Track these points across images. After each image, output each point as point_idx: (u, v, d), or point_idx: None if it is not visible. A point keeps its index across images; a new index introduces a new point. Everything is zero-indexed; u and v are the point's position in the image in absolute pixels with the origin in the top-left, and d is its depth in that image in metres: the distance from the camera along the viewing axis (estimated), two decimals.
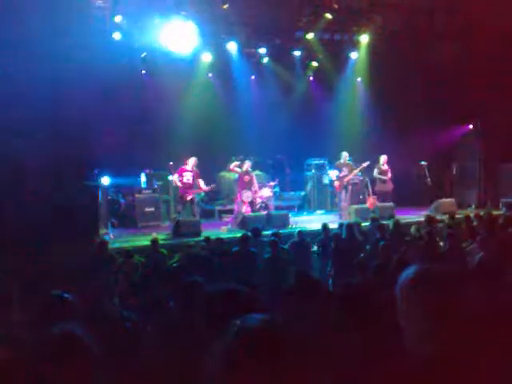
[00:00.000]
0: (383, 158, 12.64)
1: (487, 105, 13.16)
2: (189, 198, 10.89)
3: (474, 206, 13.36)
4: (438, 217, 10.36)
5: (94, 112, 9.60)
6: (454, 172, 14.81)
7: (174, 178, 10.97)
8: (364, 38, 14.32)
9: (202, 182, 11.16)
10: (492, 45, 12.33)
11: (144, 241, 9.40)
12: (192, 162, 11.06)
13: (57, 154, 8.83)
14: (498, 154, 13.37)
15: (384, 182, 12.52)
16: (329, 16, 12.94)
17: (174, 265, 6.87)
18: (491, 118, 13.36)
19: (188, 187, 10.88)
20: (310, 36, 13.89)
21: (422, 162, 13.46)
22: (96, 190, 9.87)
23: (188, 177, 10.92)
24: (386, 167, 12.58)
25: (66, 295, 3.14)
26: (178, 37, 13.23)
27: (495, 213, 9.99)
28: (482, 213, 9.61)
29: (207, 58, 14.53)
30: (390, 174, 12.56)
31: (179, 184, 10.87)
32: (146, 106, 14.05)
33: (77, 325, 2.21)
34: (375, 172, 12.61)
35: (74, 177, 8.95)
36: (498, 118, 13.07)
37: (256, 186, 11.88)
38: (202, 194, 13.68)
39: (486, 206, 12.61)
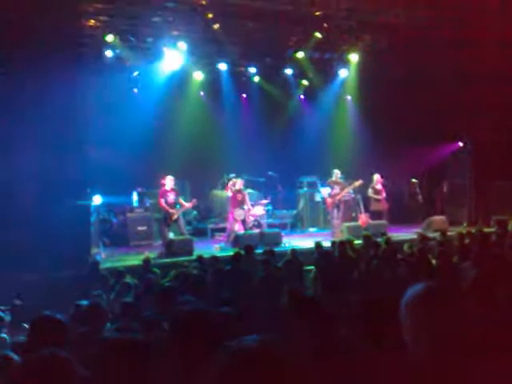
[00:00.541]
0: (376, 177, 12.68)
1: (477, 123, 13.32)
2: (175, 217, 10.83)
3: (465, 224, 13.41)
4: (430, 234, 10.39)
5: (85, 130, 9.60)
6: (445, 190, 14.90)
7: (160, 201, 10.89)
8: (353, 57, 14.50)
9: (182, 200, 11.14)
10: (484, 63, 12.49)
11: (136, 260, 9.33)
12: (170, 181, 10.99)
13: (48, 171, 8.80)
14: (488, 172, 13.46)
15: (378, 201, 12.56)
16: (318, 35, 13.09)
17: (167, 284, 6.81)
18: (481, 135, 13.51)
19: (173, 207, 10.84)
20: (300, 55, 14.03)
21: (414, 180, 13.54)
22: (88, 208, 9.80)
23: (171, 197, 10.88)
24: (379, 186, 12.63)
25: (57, 316, 3.09)
26: (170, 55, 13.39)
27: (487, 230, 10.02)
28: (473, 230, 9.66)
29: (198, 76, 14.64)
30: (384, 194, 12.61)
31: (166, 206, 10.80)
32: (138, 125, 14.07)
33: (66, 347, 2.18)
34: (370, 191, 12.65)
35: (65, 195, 8.90)
36: (487, 136, 13.22)
37: (248, 204, 11.87)
38: (194, 212, 13.66)
39: (478, 224, 12.66)
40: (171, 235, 10.74)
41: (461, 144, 14.60)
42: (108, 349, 2.22)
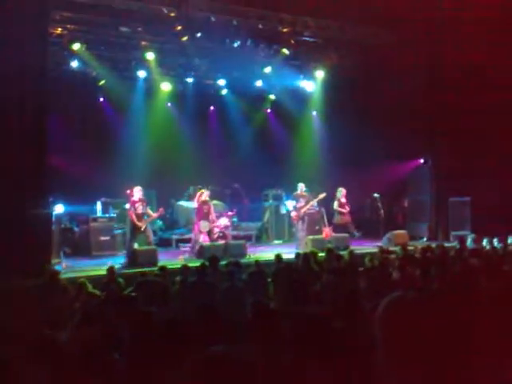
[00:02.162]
0: (342, 191, 12.92)
1: (440, 139, 13.74)
2: (142, 228, 10.76)
3: (425, 239, 13.74)
4: (391, 248, 10.60)
5: (49, 139, 9.46)
6: (406, 205, 15.25)
7: (129, 211, 10.79)
8: (320, 74, 14.80)
9: (150, 210, 11.08)
10: (450, 81, 12.91)
11: (98, 270, 9.20)
12: (138, 191, 10.89)
13: (9, 179, 8.64)
14: (448, 188, 13.86)
15: (342, 214, 12.79)
16: (286, 51, 13.32)
17: (131, 294, 6.75)
18: (442, 152, 13.92)
19: (140, 217, 10.76)
20: (268, 69, 14.23)
21: (375, 195, 13.83)
22: (49, 217, 9.62)
23: (140, 208, 10.78)
24: (344, 200, 12.87)
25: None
26: (137, 65, 13.38)
27: (447, 245, 10.30)
28: (433, 245, 9.91)
29: (166, 87, 14.65)
30: (348, 207, 12.85)
31: (134, 218, 10.70)
32: (104, 134, 13.97)
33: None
34: (335, 204, 12.86)
35: (26, 204, 8.73)
36: (449, 153, 13.62)
37: (214, 215, 11.88)
38: (160, 222, 13.58)
39: (438, 239, 12.99)
40: (135, 245, 10.64)
41: (422, 161, 15.00)
42: None
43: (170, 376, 2.66)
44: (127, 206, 11.05)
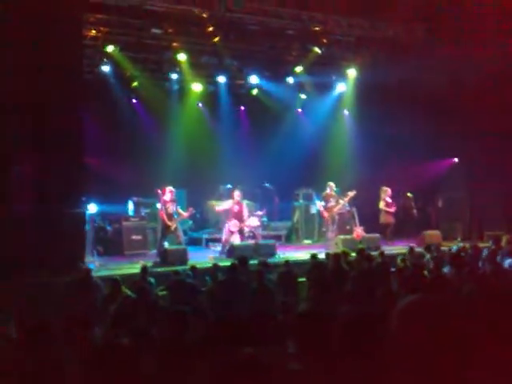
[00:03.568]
0: (387, 191, 13.03)
1: (473, 140, 13.43)
2: (172, 227, 10.88)
3: (459, 239, 13.46)
4: (424, 248, 10.41)
5: (83, 139, 9.65)
6: (440, 204, 14.97)
7: (161, 212, 10.96)
8: (352, 72, 14.65)
9: (180, 210, 11.19)
10: (485, 79, 12.61)
11: (130, 269, 9.34)
12: (170, 191, 11.03)
13: (45, 179, 8.85)
14: (483, 188, 13.54)
15: (388, 213, 12.94)
16: (317, 50, 13.24)
17: (162, 293, 6.84)
18: (477, 151, 13.60)
19: (171, 217, 10.90)
20: (299, 69, 14.17)
21: (409, 194, 13.61)
22: (83, 217, 9.81)
23: (170, 207, 10.93)
24: (389, 200, 12.99)
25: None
26: (169, 66, 13.52)
27: (481, 245, 10.08)
28: (467, 245, 9.72)
29: (197, 87, 14.75)
30: (394, 207, 12.88)
31: (165, 217, 10.86)
32: (136, 135, 14.16)
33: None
34: (381, 204, 12.98)
35: (61, 203, 8.92)
36: (483, 153, 13.32)
37: (245, 215, 11.91)
38: (190, 221, 13.69)
39: (471, 239, 12.72)
40: (166, 244, 10.76)
41: (456, 160, 14.71)
42: None
43: (198, 378, 2.67)
44: (158, 205, 11.18)
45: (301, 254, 10.80)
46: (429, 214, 15.04)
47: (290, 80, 15.01)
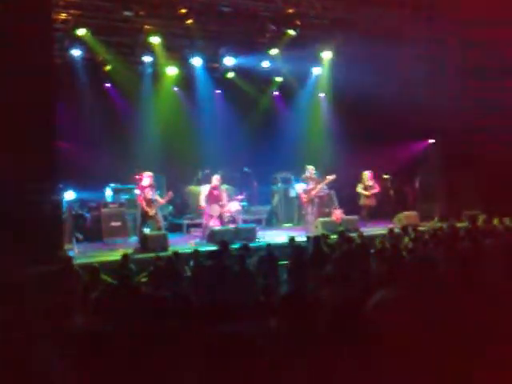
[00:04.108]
0: (367, 175, 13.14)
1: (449, 121, 13.57)
2: (151, 213, 10.75)
3: (436, 219, 13.67)
4: (401, 229, 10.55)
5: (58, 125, 9.47)
6: (417, 185, 15.16)
7: (139, 197, 10.79)
8: (326, 54, 14.63)
9: (158, 196, 11.04)
10: (461, 58, 12.70)
11: (110, 256, 9.28)
12: (148, 177, 10.87)
13: (19, 166, 8.67)
14: (459, 168, 13.74)
15: (367, 196, 13.03)
16: (292, 32, 13.16)
17: (143, 280, 6.81)
18: (452, 133, 13.76)
19: (150, 203, 10.74)
20: (274, 52, 14.09)
21: (385, 176, 13.73)
22: (60, 204, 9.67)
23: (149, 193, 10.76)
24: (370, 183, 13.07)
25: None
26: (142, 49, 13.30)
27: (458, 225, 10.26)
28: (444, 225, 9.88)
29: (173, 71, 14.57)
30: (374, 190, 13.00)
31: (144, 203, 10.69)
32: (112, 120, 13.95)
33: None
34: (359, 187, 13.09)
35: (36, 191, 8.77)
36: (459, 134, 13.47)
37: (224, 199, 11.87)
38: (170, 207, 13.61)
39: (449, 219, 12.92)
40: (147, 231, 10.68)
41: (433, 141, 14.87)
42: None
43: (179, 356, 2.66)
44: (137, 191, 11.07)
45: (281, 238, 10.85)
46: (406, 194, 15.23)
47: (266, 63, 14.93)
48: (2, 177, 8.42)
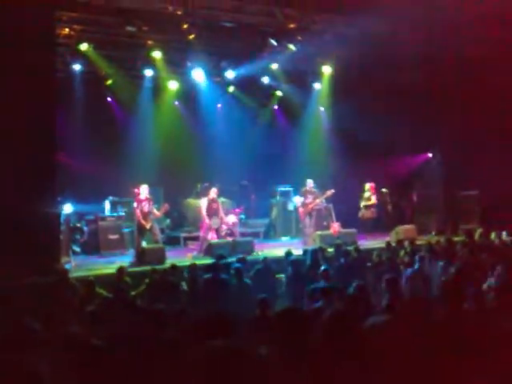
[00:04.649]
0: (366, 186, 13.44)
1: (448, 134, 13.64)
2: (148, 226, 10.73)
3: (434, 233, 13.68)
4: (396, 243, 10.56)
5: (57, 138, 9.53)
6: (415, 199, 15.19)
7: (136, 211, 10.79)
8: (327, 69, 14.75)
9: (154, 209, 11.03)
10: (458, 74, 12.77)
11: (107, 269, 9.27)
12: (145, 190, 10.89)
13: (18, 178, 8.71)
14: (457, 182, 13.78)
15: (367, 208, 13.36)
16: (292, 47, 13.29)
17: (140, 292, 6.82)
18: (451, 146, 13.82)
19: (146, 216, 10.73)
20: (275, 66, 14.22)
21: (384, 190, 13.76)
22: (58, 216, 9.69)
23: (146, 206, 10.76)
24: (367, 194, 13.37)
25: (33, 324, 3.10)
26: (144, 64, 13.42)
27: (455, 239, 10.27)
28: (442, 239, 9.89)
29: (174, 85, 14.68)
30: (369, 202, 13.28)
31: (140, 216, 10.69)
32: (112, 133, 14.04)
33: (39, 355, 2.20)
34: (362, 201, 13.48)
35: (35, 203, 8.80)
36: (457, 147, 13.54)
37: (222, 212, 11.90)
38: (167, 219, 13.62)
39: (446, 233, 12.94)
40: (143, 244, 10.68)
41: (430, 155, 14.93)
42: None
43: (176, 369, 2.68)
44: (134, 204, 11.08)
45: (279, 251, 10.85)
46: (404, 208, 15.26)
47: (266, 77, 15.05)
48: (2, 188, 8.47)
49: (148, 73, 13.84)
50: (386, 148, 14.13)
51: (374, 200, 13.30)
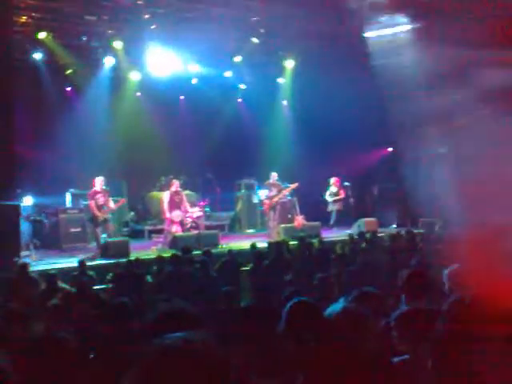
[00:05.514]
0: (331, 180, 13.64)
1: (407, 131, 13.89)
2: (101, 218, 10.43)
3: (394, 226, 13.98)
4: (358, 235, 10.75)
5: (16, 130, 9.28)
6: (376, 193, 15.48)
7: (90, 202, 10.47)
8: (289, 63, 14.83)
9: (111, 202, 10.76)
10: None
11: (69, 262, 9.12)
12: (100, 182, 10.62)
13: None
14: (415, 176, 14.07)
15: (334, 202, 13.56)
16: (255, 40, 13.28)
17: (105, 286, 6.74)
18: (410, 140, 14.09)
19: (101, 208, 10.46)
20: (238, 59, 14.19)
21: (346, 183, 13.97)
22: (17, 209, 9.44)
23: (101, 198, 10.49)
24: (335, 189, 13.58)
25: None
26: (104, 54, 13.16)
27: (415, 231, 10.52)
28: (402, 232, 10.13)
29: (135, 76, 14.46)
30: (340, 195, 13.60)
31: (94, 208, 10.39)
32: (73, 124, 13.72)
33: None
34: (327, 194, 13.61)
35: None
36: (416, 142, 13.80)
37: (186, 205, 11.83)
38: (132, 212, 13.47)
39: (407, 226, 13.23)
40: (104, 236, 10.44)
41: (391, 149, 15.22)
42: None
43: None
44: (88, 196, 10.77)
45: (244, 244, 10.89)
46: (365, 202, 15.53)
47: (229, 70, 15.01)
48: None
49: (109, 63, 13.57)
50: (348, 142, 14.30)
51: (342, 194, 13.53)
